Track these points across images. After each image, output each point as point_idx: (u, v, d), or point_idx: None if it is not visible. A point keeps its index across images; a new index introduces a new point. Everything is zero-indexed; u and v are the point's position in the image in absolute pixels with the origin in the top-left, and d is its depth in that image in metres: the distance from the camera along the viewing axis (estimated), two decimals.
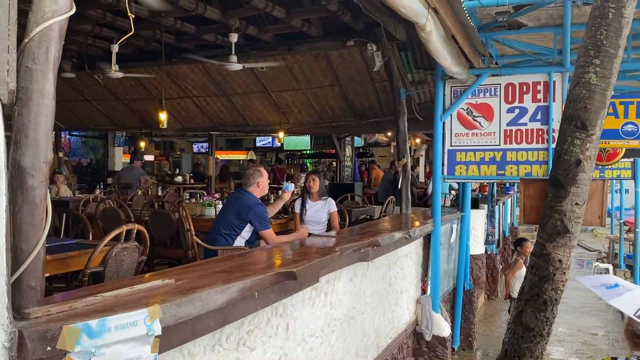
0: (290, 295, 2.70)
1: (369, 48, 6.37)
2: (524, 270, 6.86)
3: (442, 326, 5.50)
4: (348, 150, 14.16)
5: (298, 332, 2.92)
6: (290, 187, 5.34)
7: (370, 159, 17.55)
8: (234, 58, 6.81)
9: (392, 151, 15.74)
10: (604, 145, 4.95)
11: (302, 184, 6.64)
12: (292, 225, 6.14)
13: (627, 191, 14.62)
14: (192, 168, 16.18)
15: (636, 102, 4.95)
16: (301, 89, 9.04)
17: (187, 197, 7.81)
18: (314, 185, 5.74)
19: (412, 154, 14.17)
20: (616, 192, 13.73)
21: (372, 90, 8.60)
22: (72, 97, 10.70)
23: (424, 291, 5.59)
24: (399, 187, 6.41)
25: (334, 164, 15.73)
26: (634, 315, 3.68)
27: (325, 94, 9.07)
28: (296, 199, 6.71)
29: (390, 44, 6.34)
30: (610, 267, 11.72)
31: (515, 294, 6.82)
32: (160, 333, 1.66)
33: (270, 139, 18.95)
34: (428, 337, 5.40)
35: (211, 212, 6.46)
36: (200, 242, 4.83)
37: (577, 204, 3.39)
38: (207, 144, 15.24)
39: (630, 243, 12.82)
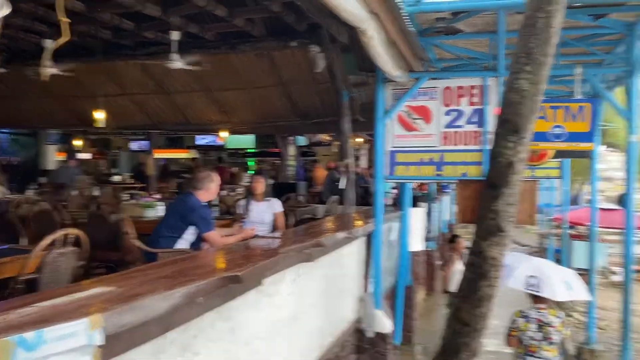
0: (235, 299, 2.69)
1: (312, 49, 6.41)
2: (458, 265, 7.11)
3: (383, 323, 5.62)
4: (292, 150, 14.19)
5: (243, 335, 2.92)
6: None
7: (313, 158, 17.64)
8: (174, 56, 6.67)
9: (335, 150, 15.89)
10: (534, 147, 5.22)
11: (247, 184, 6.61)
12: (234, 227, 6.10)
13: (555, 189, 15.43)
14: (135, 167, 15.69)
15: (564, 106, 5.25)
16: (244, 89, 8.98)
17: (127, 198, 7.59)
18: (259, 186, 5.73)
19: (355, 153, 14.37)
20: (545, 190, 14.43)
21: (315, 91, 8.65)
22: (1, 93, 10.14)
23: (366, 289, 5.70)
24: (343, 186, 6.50)
25: (278, 163, 15.70)
26: (525, 289, 4.41)
27: (269, 94, 9.05)
28: (239, 199, 6.68)
29: (333, 45, 6.40)
30: None
31: (451, 289, 7.06)
32: (101, 343, 1.63)
33: (212, 137, 18.67)
34: (370, 334, 5.51)
35: (151, 214, 6.32)
36: (140, 245, 4.72)
37: (510, 204, 3.56)
38: (146, 142, 14.85)
39: (559, 238, 13.58)
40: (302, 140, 16.41)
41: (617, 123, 15.79)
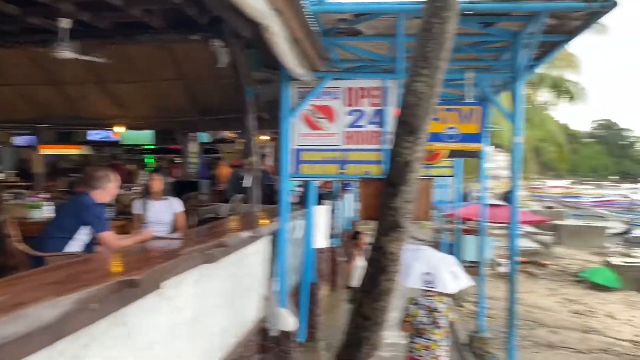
0: (132, 303, 2.56)
1: (214, 44, 6.25)
2: (360, 261, 7.30)
3: (288, 321, 5.65)
4: (193, 147, 13.80)
5: (141, 341, 2.78)
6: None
7: (217, 155, 17.27)
8: (64, 45, 6.21)
9: (239, 148, 15.68)
10: (429, 147, 5.49)
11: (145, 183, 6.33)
12: (131, 228, 5.82)
13: (448, 186, 16.37)
14: (19, 164, 14.44)
15: (456, 108, 5.58)
16: (142, 82, 8.57)
17: (10, 197, 6.97)
18: (156, 184, 5.51)
19: (260, 151, 14.28)
20: (439, 187, 15.26)
21: (218, 86, 8.46)
22: None
23: (271, 288, 5.68)
24: (247, 185, 6.42)
25: (179, 160, 15.19)
26: (422, 286, 5.14)
27: (169, 88, 8.72)
28: (135, 198, 6.38)
29: (237, 41, 6.28)
30: None
31: (353, 284, 7.23)
32: None
33: (106, 133, 17.56)
34: (275, 333, 5.51)
35: (38, 214, 5.87)
36: (25, 248, 4.35)
37: (407, 201, 3.71)
38: (32, 136, 13.79)
39: (451, 233, 14.42)
40: (204, 137, 16.00)
41: (502, 125, 17.09)
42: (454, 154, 6.92)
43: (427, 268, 5.04)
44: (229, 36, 6.16)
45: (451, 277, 5.03)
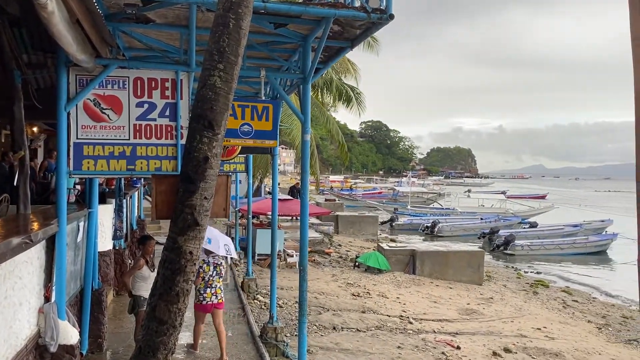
0: None
1: None
2: (145, 269, 6.74)
3: (69, 333, 5.09)
4: None
5: None
6: None
7: None
8: None
9: (2, 141, 13.62)
10: (225, 143, 5.47)
11: None
12: None
13: (240, 182, 16.63)
14: None
15: (251, 105, 5.65)
16: None
17: None
18: None
19: (30, 144, 12.61)
20: (232, 183, 15.42)
21: None
22: None
23: (47, 299, 5.04)
24: (16, 183, 5.59)
25: None
26: (221, 255, 6.68)
27: None
28: None
29: (2, 17, 5.43)
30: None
31: (137, 292, 6.68)
32: None
33: None
34: (53, 349, 4.91)
35: None
36: None
37: (205, 198, 3.62)
38: None
39: (244, 228, 14.69)
40: None
41: (287, 123, 18.00)
42: (245, 150, 7.02)
43: (209, 235, 6.61)
44: None
45: (225, 247, 7.00)
